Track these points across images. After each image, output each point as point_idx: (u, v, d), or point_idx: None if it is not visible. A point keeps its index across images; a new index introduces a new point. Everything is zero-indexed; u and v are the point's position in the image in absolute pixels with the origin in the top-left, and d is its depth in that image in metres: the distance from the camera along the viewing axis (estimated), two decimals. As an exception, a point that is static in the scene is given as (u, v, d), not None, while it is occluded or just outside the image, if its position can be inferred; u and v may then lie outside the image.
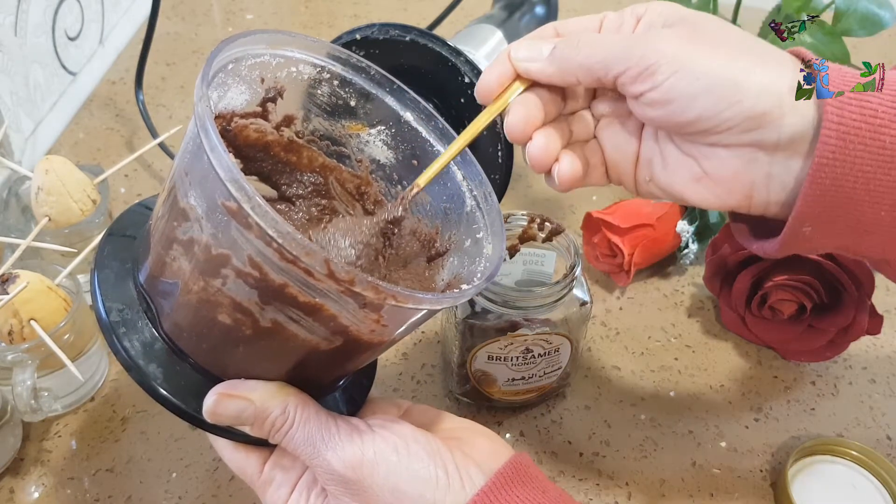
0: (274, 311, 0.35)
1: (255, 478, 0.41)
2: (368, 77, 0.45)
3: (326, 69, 0.44)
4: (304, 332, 0.36)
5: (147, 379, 0.39)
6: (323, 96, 0.45)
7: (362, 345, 0.38)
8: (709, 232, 0.67)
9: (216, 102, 0.40)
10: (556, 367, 0.55)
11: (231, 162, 0.32)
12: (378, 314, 0.36)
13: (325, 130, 0.46)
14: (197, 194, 0.35)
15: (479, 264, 0.42)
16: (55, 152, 0.78)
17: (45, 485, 0.53)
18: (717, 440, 0.57)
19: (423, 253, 0.46)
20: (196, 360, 0.40)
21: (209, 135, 0.32)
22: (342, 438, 0.38)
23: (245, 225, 0.33)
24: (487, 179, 0.44)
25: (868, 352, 0.63)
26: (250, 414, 0.38)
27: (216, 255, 0.35)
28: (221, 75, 0.39)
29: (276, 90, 0.43)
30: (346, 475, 0.37)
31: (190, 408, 0.39)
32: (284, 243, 0.32)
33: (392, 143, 0.47)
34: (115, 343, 0.39)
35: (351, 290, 0.33)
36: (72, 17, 0.80)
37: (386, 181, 0.47)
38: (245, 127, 0.43)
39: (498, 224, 0.43)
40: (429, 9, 0.91)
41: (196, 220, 0.35)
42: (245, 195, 0.32)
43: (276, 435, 0.39)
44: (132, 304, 0.40)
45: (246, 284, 0.35)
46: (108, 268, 0.41)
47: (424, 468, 0.38)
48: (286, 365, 0.39)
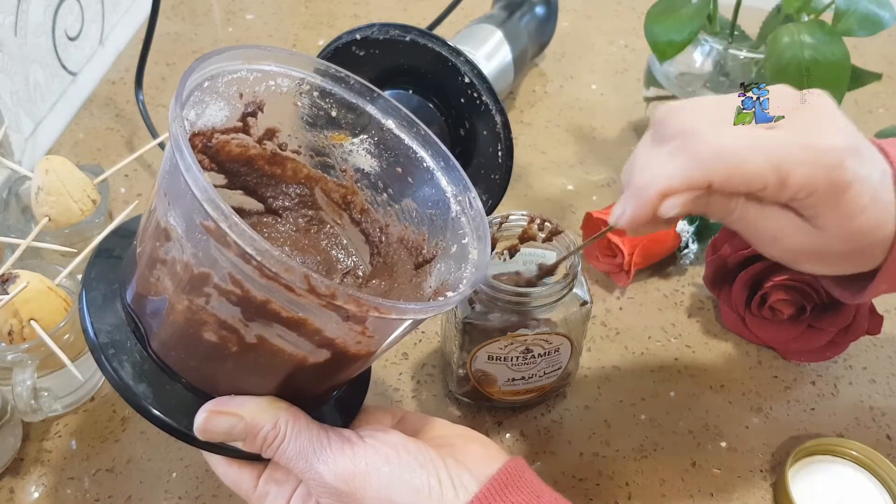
0: (259, 327, 0.36)
1: (250, 492, 0.41)
2: (348, 87, 0.45)
3: (305, 81, 0.44)
4: (290, 347, 0.36)
5: (138, 399, 0.39)
6: (304, 108, 0.45)
7: (350, 356, 0.39)
8: (709, 232, 0.67)
9: (194, 121, 0.41)
10: (556, 367, 0.55)
11: (206, 182, 0.32)
12: (363, 326, 0.36)
13: (308, 141, 0.46)
14: (176, 214, 0.35)
15: (465, 270, 0.42)
16: (55, 152, 0.77)
17: (45, 485, 0.53)
18: (717, 440, 0.57)
19: (410, 260, 0.46)
20: (185, 378, 0.40)
21: (184, 155, 0.33)
22: (334, 451, 0.38)
23: (223, 243, 0.33)
24: (472, 185, 0.44)
25: (868, 352, 0.63)
26: (241, 430, 0.38)
27: (198, 273, 0.35)
28: (198, 93, 0.39)
29: (255, 104, 0.43)
30: (339, 487, 0.37)
31: (181, 425, 0.39)
32: (263, 260, 0.32)
33: (376, 152, 0.47)
34: (105, 364, 0.39)
35: (333, 304, 0.34)
36: (72, 17, 0.80)
37: (371, 189, 0.48)
38: (227, 142, 0.44)
39: (483, 229, 0.43)
40: (429, 9, 0.91)
41: (177, 239, 0.35)
42: (221, 214, 0.32)
43: (268, 449, 0.39)
44: (120, 324, 0.40)
45: (229, 302, 0.35)
46: (96, 289, 0.42)
47: (417, 478, 0.38)
48: (275, 379, 0.39)
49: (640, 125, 0.83)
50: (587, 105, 0.86)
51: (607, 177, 0.77)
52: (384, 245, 0.48)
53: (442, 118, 0.62)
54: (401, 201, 0.47)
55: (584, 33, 0.96)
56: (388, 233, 0.48)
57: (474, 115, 0.61)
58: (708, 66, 0.71)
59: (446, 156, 0.45)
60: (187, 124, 0.36)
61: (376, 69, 0.61)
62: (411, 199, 0.46)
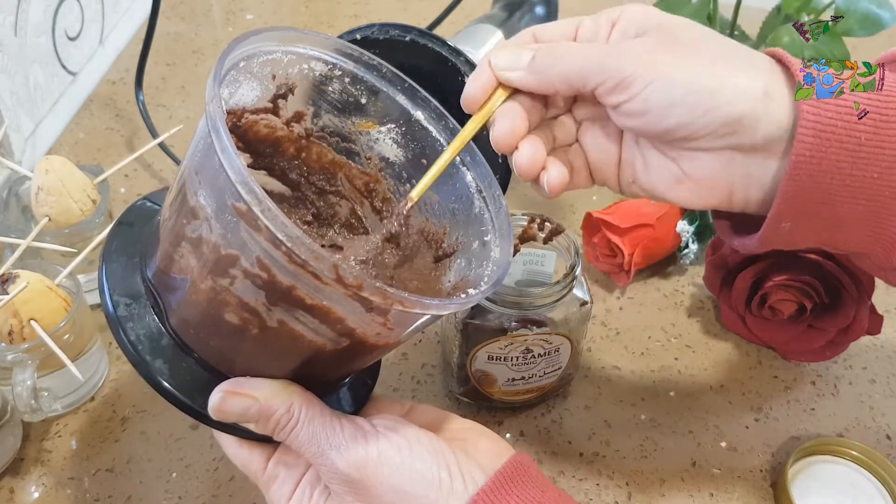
0: (281, 312, 0.36)
1: (259, 474, 0.41)
2: (380, 75, 0.45)
3: (338, 66, 0.44)
4: (310, 333, 0.36)
5: (153, 374, 0.39)
6: (334, 93, 0.45)
7: (368, 346, 0.38)
8: (709, 232, 0.67)
9: (227, 99, 0.40)
10: (556, 367, 0.55)
11: (241, 164, 0.32)
12: (385, 318, 0.36)
13: (335, 127, 0.46)
14: (207, 193, 0.35)
15: (486, 268, 0.42)
16: (55, 152, 0.78)
17: (45, 485, 0.53)
18: (717, 440, 0.57)
19: (429, 253, 0.46)
20: (202, 357, 0.40)
21: (220, 136, 0.32)
22: (346, 438, 0.38)
23: (254, 227, 0.33)
24: (497, 183, 0.44)
25: (868, 352, 0.63)
26: (255, 411, 0.38)
27: (225, 255, 0.35)
28: (233, 72, 0.39)
29: (287, 87, 0.43)
30: (350, 475, 0.38)
31: (195, 404, 0.39)
32: (293, 247, 0.32)
33: (402, 142, 0.46)
34: (122, 337, 0.39)
35: (358, 295, 0.34)
36: (72, 17, 0.80)
37: (395, 179, 0.47)
38: (255, 122, 0.43)
39: (506, 227, 0.43)
40: (429, 9, 0.91)
41: (205, 219, 0.35)
42: (255, 198, 0.32)
43: (281, 433, 0.39)
44: (139, 298, 0.40)
45: (254, 285, 0.35)
46: (116, 262, 0.41)
47: (427, 469, 0.38)
48: (292, 364, 0.39)
49: (640, 125, 0.83)
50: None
51: (607, 177, 0.77)
52: (404, 236, 0.48)
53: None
54: None
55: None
56: (408, 224, 0.47)
57: (474, 115, 0.61)
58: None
59: (473, 151, 0.44)
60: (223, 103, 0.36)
61: (376, 69, 0.61)
62: (434, 191, 0.45)
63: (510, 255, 0.42)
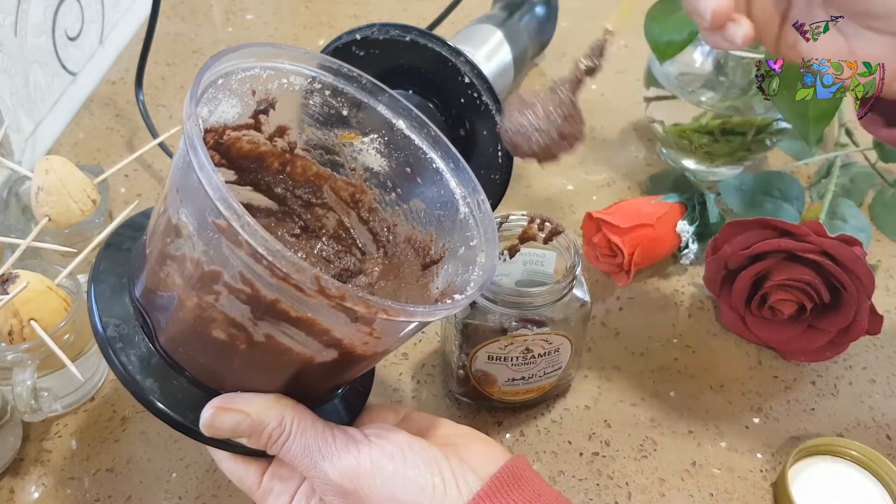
0: (267, 326, 0.36)
1: (255, 488, 0.41)
2: (360, 86, 0.45)
3: (318, 79, 0.44)
4: (298, 346, 0.37)
5: (144, 393, 0.39)
6: (315, 106, 0.45)
7: (357, 356, 0.39)
8: (709, 232, 0.67)
9: (207, 117, 0.41)
10: (556, 367, 0.55)
11: (220, 180, 0.32)
12: (370, 327, 0.36)
13: (318, 140, 0.46)
14: (188, 211, 0.35)
15: (472, 272, 0.42)
16: (55, 152, 0.77)
17: (45, 485, 0.53)
18: (717, 440, 0.57)
19: (417, 261, 0.46)
20: (192, 374, 0.40)
21: (198, 153, 0.33)
22: (339, 449, 0.38)
23: (235, 242, 0.33)
24: (481, 187, 0.44)
25: (868, 352, 0.63)
26: (247, 426, 0.38)
27: (208, 271, 0.35)
28: (211, 90, 0.39)
29: (267, 102, 0.43)
30: (344, 485, 0.37)
31: (187, 421, 0.39)
32: (274, 260, 0.32)
33: (385, 151, 0.47)
34: (113, 358, 0.40)
35: (342, 306, 0.34)
36: (72, 17, 0.80)
37: (380, 188, 0.48)
38: (238, 139, 0.44)
39: (491, 232, 0.43)
40: (429, 9, 0.91)
41: (188, 236, 0.36)
42: (234, 213, 0.32)
43: (273, 446, 0.39)
44: (128, 318, 0.41)
45: (238, 300, 0.35)
46: (105, 282, 0.42)
47: (421, 476, 0.38)
48: (282, 377, 0.39)
49: (640, 125, 0.83)
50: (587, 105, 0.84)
51: (607, 177, 0.77)
52: (392, 244, 0.48)
53: (442, 118, 0.62)
54: (409, 201, 0.47)
55: (584, 33, 0.96)
56: (395, 232, 0.48)
57: (474, 115, 0.61)
58: (708, 66, 0.71)
59: (456, 157, 0.45)
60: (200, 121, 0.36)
61: (376, 69, 0.61)
62: (420, 199, 0.46)
63: (496, 258, 0.42)
